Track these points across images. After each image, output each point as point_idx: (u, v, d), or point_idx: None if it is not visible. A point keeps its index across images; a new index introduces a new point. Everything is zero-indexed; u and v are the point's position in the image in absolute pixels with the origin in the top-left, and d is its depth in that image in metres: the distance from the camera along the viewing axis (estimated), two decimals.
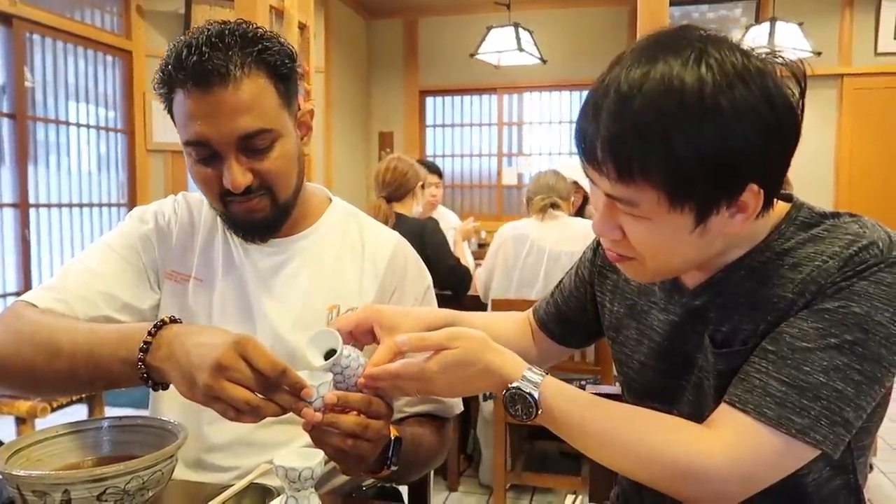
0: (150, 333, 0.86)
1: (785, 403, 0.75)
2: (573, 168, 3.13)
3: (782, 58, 0.78)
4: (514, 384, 0.81)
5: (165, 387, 0.89)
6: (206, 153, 0.99)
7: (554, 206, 2.72)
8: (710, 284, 0.86)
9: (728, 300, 0.85)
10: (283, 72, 1.02)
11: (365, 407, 0.86)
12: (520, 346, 1.13)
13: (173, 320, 0.89)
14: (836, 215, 0.83)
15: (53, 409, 2.50)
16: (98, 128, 4.53)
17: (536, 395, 0.80)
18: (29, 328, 0.96)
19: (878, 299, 0.75)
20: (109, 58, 4.57)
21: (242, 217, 1.05)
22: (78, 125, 4.39)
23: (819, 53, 4.40)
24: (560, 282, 1.16)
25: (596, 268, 1.07)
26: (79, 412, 2.72)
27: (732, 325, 0.84)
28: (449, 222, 3.83)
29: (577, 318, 1.13)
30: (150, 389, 0.91)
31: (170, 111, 1.03)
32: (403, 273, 1.17)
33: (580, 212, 3.33)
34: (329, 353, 0.84)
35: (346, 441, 0.85)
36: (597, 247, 1.08)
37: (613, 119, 0.72)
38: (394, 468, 0.97)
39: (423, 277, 1.21)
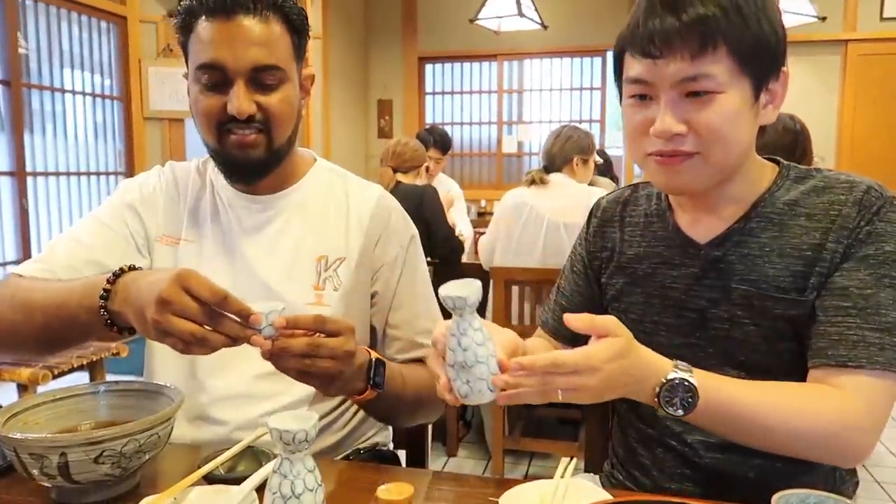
0: (108, 281, 0.91)
1: (885, 346, 0.84)
2: None
3: None
4: (671, 375, 0.78)
5: (132, 331, 0.92)
6: (217, 78, 1.04)
7: (539, 180, 2.71)
8: (727, 236, 0.94)
9: (752, 249, 0.92)
10: (297, 24, 1.08)
11: (318, 326, 0.88)
12: None
13: (132, 268, 0.94)
14: (818, 170, 0.95)
15: (55, 377, 2.51)
16: (94, 95, 4.48)
17: (695, 381, 0.78)
18: (10, 292, 1.03)
19: (895, 235, 0.87)
20: (104, 24, 4.50)
21: (236, 153, 1.07)
22: (73, 93, 4.34)
23: (824, 18, 4.33)
24: (557, 287, 1.18)
25: (589, 254, 1.12)
26: (80, 379, 2.73)
27: (760, 270, 0.91)
28: (445, 189, 3.83)
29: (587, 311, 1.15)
30: (119, 334, 0.95)
31: (184, 47, 1.08)
32: (387, 222, 1.19)
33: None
34: None
35: (304, 361, 0.87)
36: (585, 236, 1.13)
37: (702, 4, 0.83)
38: (379, 390, 0.99)
39: (407, 226, 1.23)
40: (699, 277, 0.96)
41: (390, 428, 1.32)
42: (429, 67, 6.87)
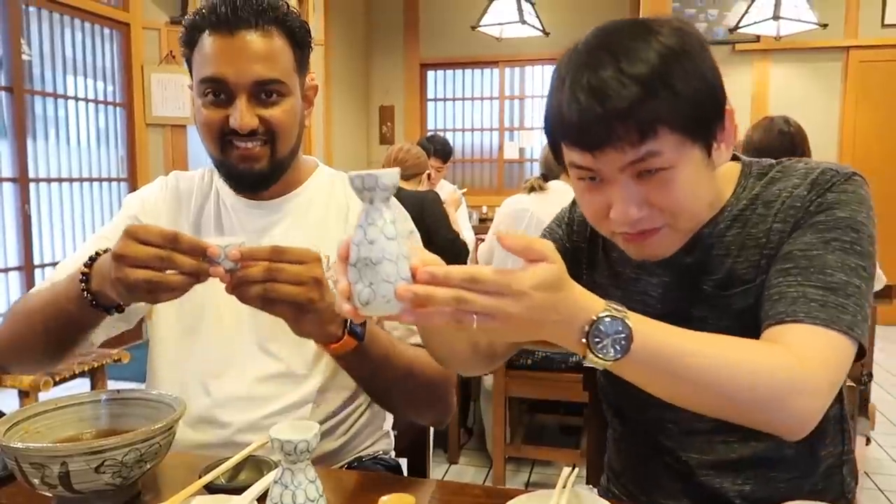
0: (86, 265, 0.95)
1: (827, 304, 0.78)
2: None
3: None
4: (603, 312, 0.67)
5: (121, 309, 0.96)
6: (220, 92, 1.05)
7: (538, 188, 2.74)
8: (697, 241, 0.91)
9: (720, 250, 0.90)
10: (300, 39, 1.10)
11: (276, 256, 0.87)
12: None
13: (107, 251, 0.95)
14: (780, 161, 0.93)
15: (56, 383, 2.51)
16: (97, 101, 4.50)
17: (629, 321, 0.68)
18: (17, 308, 1.08)
19: (851, 203, 0.84)
20: (107, 30, 4.52)
21: (240, 165, 1.09)
22: (76, 99, 4.36)
23: (825, 25, 4.33)
24: None
25: (570, 241, 1.05)
26: (81, 386, 2.74)
27: (726, 268, 0.89)
28: (449, 190, 3.85)
29: None
30: (112, 313, 0.98)
31: (188, 61, 1.09)
32: None
33: None
34: None
35: (265, 286, 0.86)
36: (567, 220, 1.06)
37: (625, 87, 0.76)
38: (359, 341, 0.96)
39: (405, 222, 1.21)
40: (672, 284, 0.94)
41: (392, 436, 1.32)
42: (430, 74, 6.89)
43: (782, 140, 2.51)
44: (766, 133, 2.61)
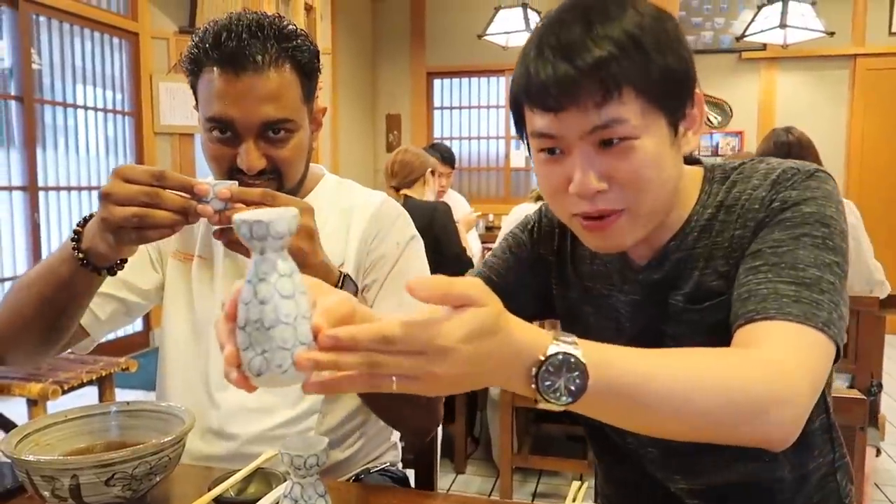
0: (78, 225, 0.94)
1: (801, 300, 0.73)
2: None
3: None
4: (552, 349, 0.57)
5: (112, 272, 0.95)
6: (227, 132, 1.03)
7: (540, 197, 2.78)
8: (665, 255, 0.87)
9: (688, 263, 0.86)
10: (308, 69, 1.06)
11: (266, 199, 0.86)
12: None
13: None
14: (742, 163, 0.88)
15: (64, 392, 2.52)
16: (105, 110, 4.53)
17: (581, 356, 0.58)
18: (16, 286, 1.04)
19: (818, 199, 0.80)
20: (116, 40, 4.55)
21: None
22: (85, 108, 4.39)
23: (832, 34, 4.33)
24: (485, 263, 1.05)
25: (534, 251, 1.02)
26: (90, 394, 2.74)
27: (694, 281, 0.85)
28: (458, 209, 3.83)
29: (516, 295, 1.00)
30: (103, 275, 0.96)
31: (193, 86, 1.06)
32: (384, 222, 1.17)
33: None
34: None
35: None
36: (531, 229, 1.03)
37: (596, 45, 0.74)
38: None
39: (408, 228, 1.20)
40: (640, 302, 0.90)
41: (399, 448, 1.31)
42: (437, 82, 6.90)
43: (779, 150, 2.51)
44: (765, 144, 2.61)
